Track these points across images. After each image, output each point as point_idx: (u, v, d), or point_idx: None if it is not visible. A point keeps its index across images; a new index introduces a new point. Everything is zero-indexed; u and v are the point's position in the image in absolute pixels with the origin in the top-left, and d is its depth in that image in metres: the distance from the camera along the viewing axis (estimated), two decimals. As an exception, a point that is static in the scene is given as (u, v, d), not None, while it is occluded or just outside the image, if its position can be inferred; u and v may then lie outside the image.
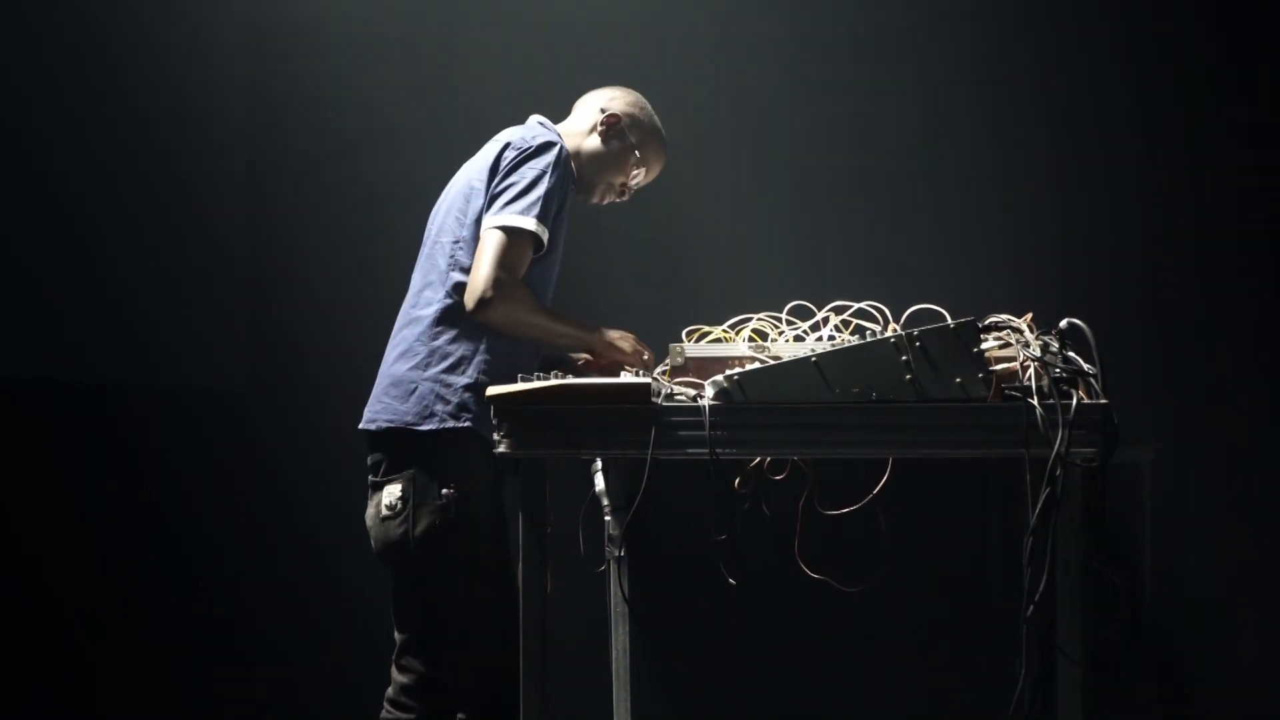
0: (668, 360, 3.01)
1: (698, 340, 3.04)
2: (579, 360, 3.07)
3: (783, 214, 4.69)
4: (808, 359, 2.57)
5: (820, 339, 3.01)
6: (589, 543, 3.19)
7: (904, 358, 2.54)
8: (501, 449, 2.66)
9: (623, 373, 2.93)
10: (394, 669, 2.96)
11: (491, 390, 2.68)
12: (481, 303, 2.86)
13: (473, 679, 2.92)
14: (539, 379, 2.69)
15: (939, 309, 3.09)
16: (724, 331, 3.06)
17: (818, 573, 2.96)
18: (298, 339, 4.88)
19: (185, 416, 4.62)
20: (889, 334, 2.56)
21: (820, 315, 3.04)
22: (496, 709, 2.83)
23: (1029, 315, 3.12)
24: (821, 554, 3.01)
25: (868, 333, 2.86)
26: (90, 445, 4.25)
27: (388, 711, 2.96)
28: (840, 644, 4.20)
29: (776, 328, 3.07)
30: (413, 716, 2.93)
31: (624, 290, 4.58)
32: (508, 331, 2.94)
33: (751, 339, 3.00)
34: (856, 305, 3.14)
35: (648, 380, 2.63)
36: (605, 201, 3.29)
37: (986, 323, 2.79)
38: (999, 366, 2.69)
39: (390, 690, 2.97)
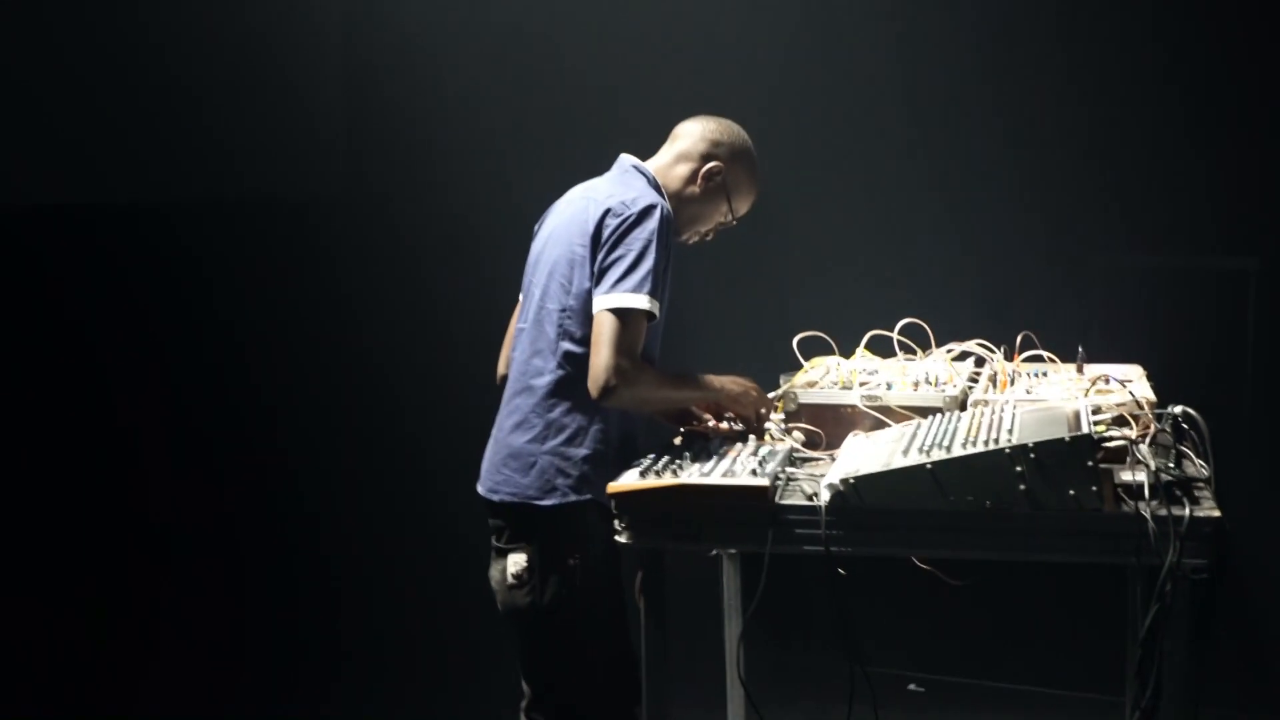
0: (780, 403, 3.11)
1: (810, 364, 3.29)
2: (698, 423, 3.15)
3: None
4: (923, 466, 2.61)
5: (931, 380, 3.14)
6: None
7: (1018, 468, 2.57)
8: (622, 539, 2.76)
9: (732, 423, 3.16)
10: (523, 719, 3.14)
11: (613, 486, 2.75)
12: (606, 391, 2.87)
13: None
14: (655, 474, 2.77)
15: (1049, 355, 3.18)
16: (833, 365, 3.31)
17: (925, 564, 3.02)
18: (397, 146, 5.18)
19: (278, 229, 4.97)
20: (1003, 445, 2.59)
21: (934, 354, 3.28)
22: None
23: (1143, 373, 3.15)
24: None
25: (980, 376, 3.03)
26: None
27: None
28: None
29: (885, 356, 3.31)
30: None
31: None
32: (634, 410, 3.02)
33: (863, 386, 3.13)
34: (961, 347, 3.23)
35: (765, 483, 2.69)
36: (691, 243, 3.25)
37: (1096, 411, 2.82)
38: (1111, 443, 2.74)
39: None
